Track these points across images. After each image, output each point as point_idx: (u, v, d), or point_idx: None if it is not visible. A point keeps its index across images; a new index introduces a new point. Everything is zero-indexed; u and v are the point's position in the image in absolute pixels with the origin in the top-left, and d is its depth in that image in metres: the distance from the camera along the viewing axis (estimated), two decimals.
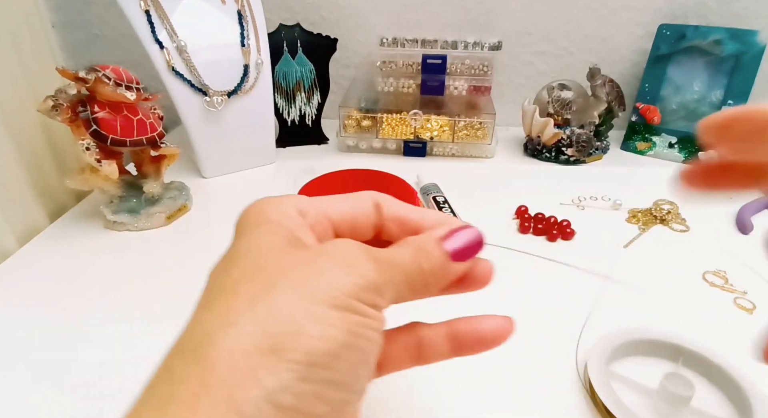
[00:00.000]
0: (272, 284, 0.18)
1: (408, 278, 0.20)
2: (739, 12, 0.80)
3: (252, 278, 0.18)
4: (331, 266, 0.18)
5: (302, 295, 0.17)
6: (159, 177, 0.60)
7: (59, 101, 0.50)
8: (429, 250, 0.21)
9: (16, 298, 0.48)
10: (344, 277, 0.18)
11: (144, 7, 0.61)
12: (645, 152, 0.81)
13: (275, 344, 0.16)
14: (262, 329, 0.16)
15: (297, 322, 0.17)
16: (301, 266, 0.18)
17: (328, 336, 0.17)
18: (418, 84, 0.80)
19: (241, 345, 0.16)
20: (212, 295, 0.19)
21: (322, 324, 0.17)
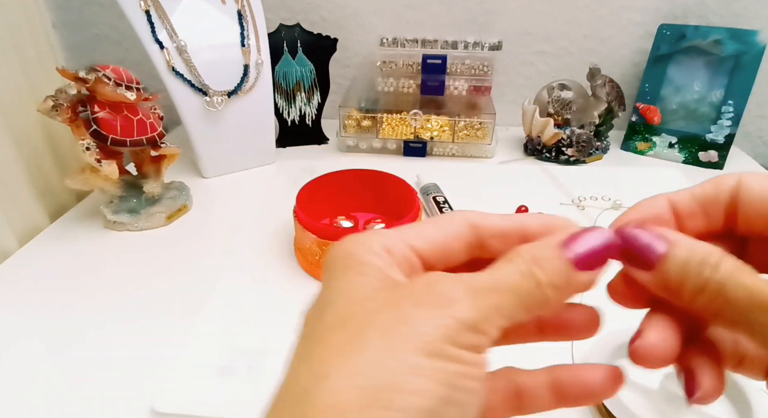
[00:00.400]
0: (361, 331, 0.16)
1: (520, 297, 0.17)
2: (739, 12, 0.80)
3: (344, 325, 0.17)
4: (418, 308, 0.17)
5: (392, 344, 0.16)
6: (159, 177, 0.60)
7: (59, 101, 0.50)
8: (546, 258, 0.18)
9: (17, 297, 0.48)
10: (433, 319, 0.16)
11: (144, 7, 0.61)
12: (645, 152, 0.81)
13: (369, 399, 0.15)
14: (356, 383, 0.15)
15: (390, 375, 0.15)
16: (388, 311, 0.17)
17: (423, 390, 0.15)
18: (418, 84, 0.80)
19: (339, 401, 0.15)
20: (307, 344, 0.18)
21: (416, 376, 0.15)
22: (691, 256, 0.17)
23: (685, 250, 0.17)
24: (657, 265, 0.17)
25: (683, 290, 0.17)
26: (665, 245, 0.17)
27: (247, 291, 0.49)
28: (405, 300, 0.17)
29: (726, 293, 0.16)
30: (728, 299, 0.16)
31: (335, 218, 0.58)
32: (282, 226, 0.58)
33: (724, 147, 0.75)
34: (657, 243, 0.18)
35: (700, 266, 0.17)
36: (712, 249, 0.17)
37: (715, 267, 0.16)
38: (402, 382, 0.15)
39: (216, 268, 0.52)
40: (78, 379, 0.40)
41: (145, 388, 0.38)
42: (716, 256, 0.17)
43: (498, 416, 0.21)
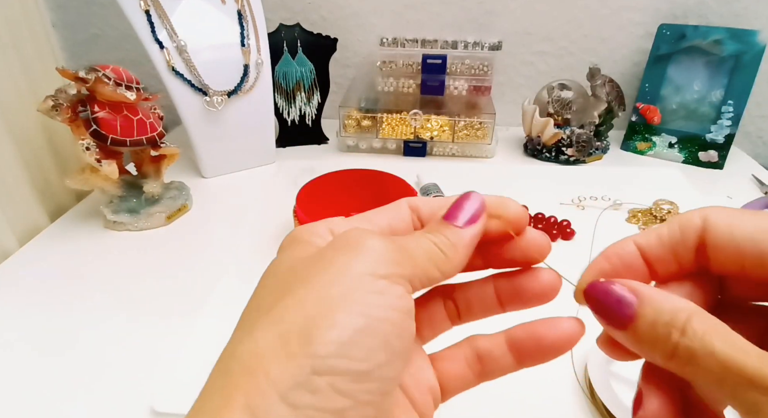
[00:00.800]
0: (288, 289, 0.18)
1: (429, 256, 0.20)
2: (739, 12, 0.80)
3: (273, 290, 0.18)
4: (338, 253, 0.18)
5: (312, 289, 0.17)
6: (159, 177, 0.60)
7: (59, 101, 0.50)
8: (436, 229, 0.21)
9: (17, 297, 0.48)
10: (354, 257, 0.18)
11: (144, 7, 0.61)
12: (645, 152, 0.81)
13: (285, 342, 0.16)
14: (275, 331, 0.16)
15: (307, 316, 0.16)
16: (313, 265, 0.18)
17: (340, 323, 0.16)
18: (418, 84, 0.80)
19: (256, 350, 0.16)
20: (242, 316, 0.19)
21: (334, 311, 0.16)
22: (657, 316, 0.17)
23: (652, 309, 0.17)
24: (629, 324, 0.17)
25: (655, 354, 0.17)
26: (634, 301, 0.17)
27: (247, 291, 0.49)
28: (325, 252, 0.18)
29: (696, 362, 0.16)
30: (699, 368, 0.16)
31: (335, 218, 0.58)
32: (282, 226, 0.58)
33: (724, 147, 0.75)
34: (626, 298, 0.18)
35: (667, 327, 0.16)
36: (682, 306, 0.17)
37: (683, 330, 0.16)
38: (319, 319, 0.16)
39: (216, 268, 0.52)
40: (78, 379, 0.40)
41: (145, 388, 0.38)
42: (684, 315, 0.16)
43: (466, 385, 0.22)
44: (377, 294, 0.17)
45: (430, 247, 0.20)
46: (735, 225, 0.18)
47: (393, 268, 0.18)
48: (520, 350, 0.22)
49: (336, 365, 0.16)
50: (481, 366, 0.22)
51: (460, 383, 0.22)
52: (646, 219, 0.61)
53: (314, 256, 0.19)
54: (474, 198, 0.22)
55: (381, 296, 0.17)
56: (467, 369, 0.22)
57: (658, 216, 0.61)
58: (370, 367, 0.16)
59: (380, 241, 0.19)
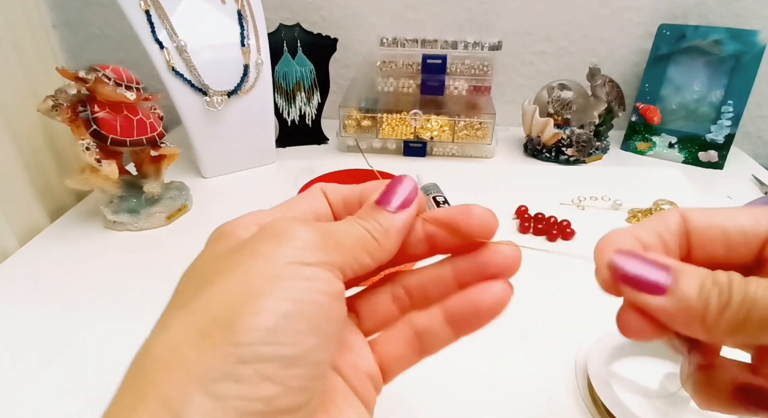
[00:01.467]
0: (208, 281, 0.17)
1: (361, 243, 0.19)
2: (740, 12, 0.80)
3: (190, 283, 0.18)
4: (263, 242, 0.18)
5: (234, 279, 0.16)
6: (159, 177, 0.60)
7: (59, 101, 0.50)
8: (369, 214, 0.20)
9: (17, 297, 0.48)
10: (280, 246, 0.17)
11: (144, 7, 0.61)
12: (645, 152, 0.81)
13: (206, 332, 0.15)
14: (192, 322, 0.16)
15: (229, 305, 0.16)
16: (236, 255, 0.18)
17: (264, 309, 0.16)
18: (418, 84, 0.80)
19: (172, 343, 0.15)
20: (161, 315, 0.18)
21: (258, 298, 0.16)
22: (701, 275, 0.17)
23: (693, 271, 0.17)
24: (667, 289, 0.17)
25: (708, 310, 0.16)
26: (670, 264, 0.17)
27: None
28: (249, 242, 0.18)
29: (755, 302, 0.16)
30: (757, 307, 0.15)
31: None
32: None
33: (723, 147, 0.75)
34: (661, 262, 0.18)
35: (718, 283, 0.16)
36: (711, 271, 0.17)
37: (730, 279, 0.16)
38: (242, 307, 0.16)
39: None
40: (78, 379, 0.40)
41: None
42: (724, 275, 0.16)
43: (407, 363, 0.23)
44: (304, 280, 0.17)
45: (360, 233, 0.20)
46: (709, 212, 0.19)
47: (321, 255, 0.18)
48: (457, 321, 0.22)
49: (263, 352, 0.15)
50: (420, 343, 0.22)
51: (402, 363, 0.23)
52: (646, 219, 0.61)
53: (238, 247, 0.18)
54: (406, 182, 0.22)
55: (308, 281, 0.17)
56: (407, 349, 0.22)
57: None
58: (301, 351, 0.16)
59: (307, 228, 0.18)
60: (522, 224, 0.58)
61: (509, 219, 0.61)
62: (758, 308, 0.15)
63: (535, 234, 0.58)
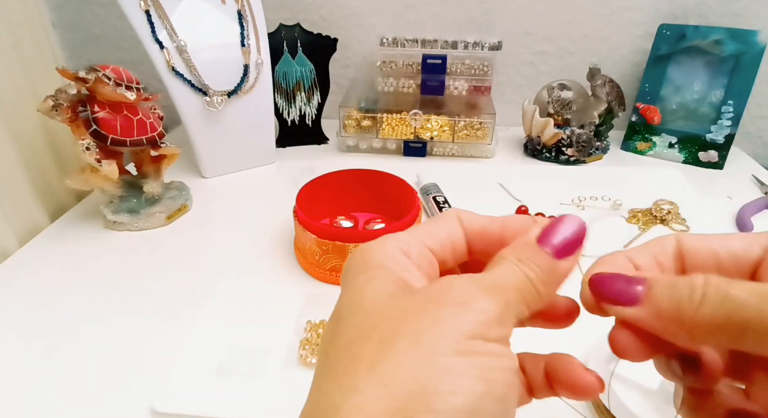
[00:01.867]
0: (388, 341, 0.16)
1: (522, 295, 0.18)
2: (740, 12, 0.80)
3: (367, 336, 0.17)
4: (445, 309, 0.17)
5: (423, 349, 0.16)
6: (159, 177, 0.60)
7: (59, 101, 0.50)
8: (530, 256, 0.18)
9: (17, 297, 0.48)
10: (463, 318, 0.16)
11: (144, 7, 0.61)
12: (645, 152, 0.81)
13: (404, 406, 0.15)
14: (388, 392, 0.15)
15: (423, 379, 0.15)
16: (414, 317, 0.17)
17: (462, 389, 0.15)
18: (418, 84, 0.80)
19: (370, 412, 0.15)
20: (329, 360, 0.17)
21: (452, 376, 0.15)
22: (673, 280, 0.17)
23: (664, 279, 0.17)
24: (642, 297, 0.17)
25: (683, 312, 0.16)
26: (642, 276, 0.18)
27: (247, 291, 0.49)
28: (427, 304, 0.17)
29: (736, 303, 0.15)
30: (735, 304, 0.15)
31: (335, 217, 0.58)
32: (282, 226, 0.58)
33: (724, 147, 0.75)
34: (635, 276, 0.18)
35: (690, 284, 0.16)
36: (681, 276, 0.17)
37: (707, 281, 0.16)
38: (437, 384, 0.15)
39: (216, 268, 0.52)
40: (77, 379, 0.40)
41: (145, 388, 0.38)
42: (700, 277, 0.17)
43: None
44: (491, 356, 0.16)
45: (523, 282, 0.18)
46: (704, 237, 0.19)
47: (503, 331, 0.17)
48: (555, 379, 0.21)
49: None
50: (528, 388, 0.22)
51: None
52: (646, 219, 0.61)
53: (412, 303, 0.17)
54: (572, 222, 0.19)
55: (495, 359, 0.16)
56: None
57: (658, 216, 0.61)
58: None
59: (489, 298, 0.17)
60: None
61: None
62: (739, 308, 0.15)
63: None
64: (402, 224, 0.49)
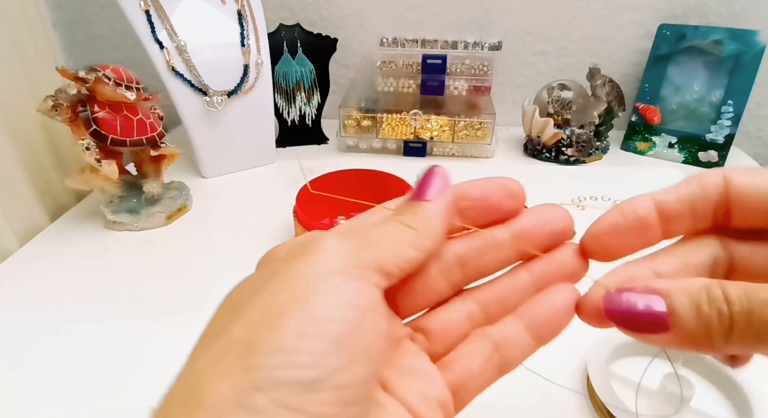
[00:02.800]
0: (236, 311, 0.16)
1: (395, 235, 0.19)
2: (739, 12, 0.80)
3: (221, 319, 0.17)
4: (292, 260, 0.17)
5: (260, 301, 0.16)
6: (159, 177, 0.60)
7: (59, 101, 0.50)
8: (401, 210, 0.20)
9: (16, 297, 0.48)
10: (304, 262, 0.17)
11: (144, 7, 0.61)
12: (645, 152, 0.81)
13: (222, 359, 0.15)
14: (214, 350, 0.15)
15: (250, 327, 0.15)
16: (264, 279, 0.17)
17: (280, 329, 0.15)
18: (418, 84, 0.80)
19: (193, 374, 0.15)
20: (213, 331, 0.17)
21: (276, 318, 0.15)
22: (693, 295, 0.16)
23: (685, 295, 0.16)
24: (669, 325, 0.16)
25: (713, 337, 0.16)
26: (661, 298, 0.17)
27: None
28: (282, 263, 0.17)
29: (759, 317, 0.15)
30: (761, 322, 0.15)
31: (335, 218, 0.58)
32: (282, 226, 0.58)
33: (723, 147, 0.75)
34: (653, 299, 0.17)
35: (712, 305, 0.16)
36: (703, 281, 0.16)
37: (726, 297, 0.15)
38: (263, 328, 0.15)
39: (216, 268, 0.52)
40: (76, 379, 0.40)
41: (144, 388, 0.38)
42: (715, 285, 0.16)
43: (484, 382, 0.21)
44: (329, 294, 0.16)
45: (395, 226, 0.19)
46: (756, 178, 0.18)
47: (350, 260, 0.17)
48: (538, 326, 0.21)
49: (280, 377, 0.14)
50: (499, 356, 0.20)
51: (480, 381, 0.20)
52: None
53: (271, 269, 0.18)
54: (437, 173, 0.22)
55: (333, 295, 0.16)
56: (486, 364, 0.20)
57: None
58: (320, 374, 0.14)
59: (335, 237, 0.17)
60: None
61: None
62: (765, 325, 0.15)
63: None
64: None
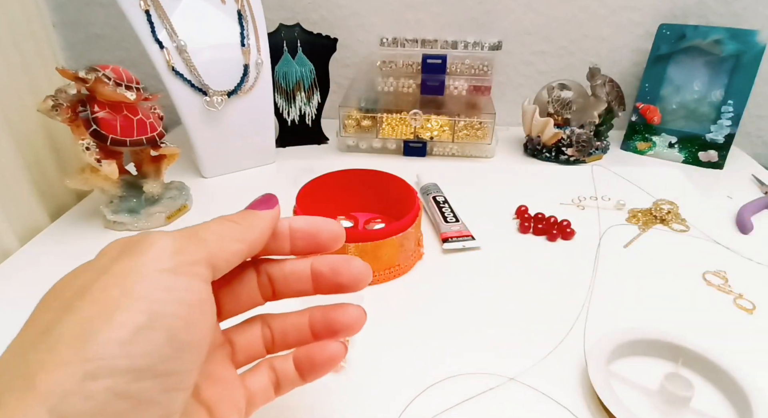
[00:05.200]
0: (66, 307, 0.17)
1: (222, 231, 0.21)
2: (739, 12, 0.80)
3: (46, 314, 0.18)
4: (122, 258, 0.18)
5: (90, 297, 0.16)
6: (159, 177, 0.60)
7: (59, 101, 0.50)
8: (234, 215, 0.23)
9: (16, 297, 0.48)
10: (135, 259, 0.17)
11: (144, 7, 0.61)
12: (645, 152, 0.81)
13: (56, 350, 0.15)
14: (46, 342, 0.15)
15: (83, 321, 0.15)
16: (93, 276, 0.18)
17: (116, 323, 0.15)
18: (418, 84, 0.80)
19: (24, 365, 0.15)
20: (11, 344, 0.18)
21: (111, 312, 0.16)
22: None
23: None
24: None
25: None
26: None
27: None
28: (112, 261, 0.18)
29: None
30: None
31: (335, 217, 0.58)
32: None
33: (723, 147, 0.75)
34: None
35: None
36: None
37: None
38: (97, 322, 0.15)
39: None
40: None
41: None
42: None
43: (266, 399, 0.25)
44: (162, 290, 0.17)
45: (221, 223, 0.21)
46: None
47: (179, 258, 0.18)
48: (302, 369, 0.25)
49: (115, 365, 0.15)
50: (278, 382, 0.25)
51: (264, 399, 0.25)
52: (646, 219, 0.61)
53: (100, 267, 0.18)
54: (269, 196, 0.26)
55: (166, 291, 0.17)
56: (269, 386, 0.25)
57: (657, 216, 0.61)
58: (152, 362, 0.16)
59: (164, 236, 0.18)
60: (522, 224, 0.58)
61: (509, 219, 0.61)
62: None
63: (535, 234, 0.58)
64: (402, 223, 0.49)
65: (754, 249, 0.56)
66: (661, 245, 0.57)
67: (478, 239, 0.55)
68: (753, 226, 0.59)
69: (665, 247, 0.56)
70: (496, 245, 0.55)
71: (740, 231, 0.59)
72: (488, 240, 0.55)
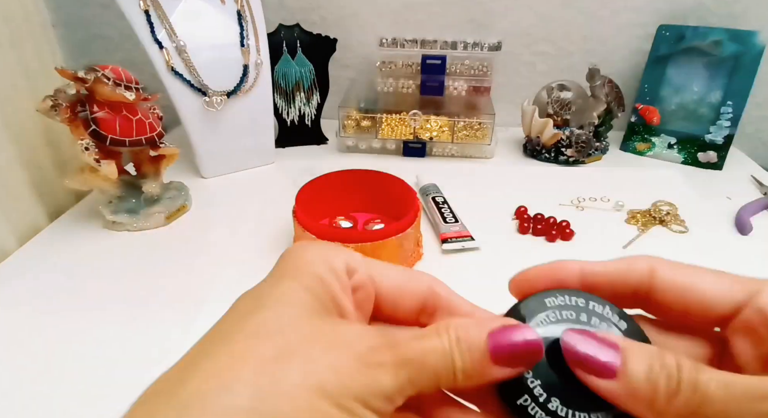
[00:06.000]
0: (283, 354, 0.16)
1: (437, 375, 0.17)
2: (738, 13, 0.80)
3: (268, 337, 0.16)
4: (348, 358, 0.16)
5: (308, 381, 0.15)
6: (158, 177, 0.60)
7: (58, 101, 0.50)
8: (467, 341, 0.17)
9: (16, 297, 0.48)
10: (357, 376, 0.16)
11: (143, 7, 0.61)
12: (644, 153, 0.81)
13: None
14: (255, 405, 0.15)
15: (290, 410, 0.15)
16: (319, 346, 0.16)
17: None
18: (417, 84, 0.80)
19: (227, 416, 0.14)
20: (222, 336, 0.17)
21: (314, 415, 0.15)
22: (649, 355, 0.16)
23: (641, 350, 0.17)
24: (618, 371, 0.16)
25: (656, 396, 0.16)
26: (616, 346, 0.17)
27: None
28: (340, 344, 0.16)
29: (707, 396, 0.15)
30: (708, 402, 0.15)
31: (335, 218, 0.58)
32: (282, 226, 0.58)
33: (723, 148, 0.75)
34: (606, 342, 0.17)
35: (666, 367, 0.16)
36: (656, 348, 0.17)
37: (678, 365, 0.16)
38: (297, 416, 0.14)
39: (215, 268, 0.52)
40: (76, 379, 0.40)
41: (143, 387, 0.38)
42: (669, 355, 0.16)
43: None
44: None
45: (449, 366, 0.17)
46: (678, 274, 0.19)
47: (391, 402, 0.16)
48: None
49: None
50: None
51: None
52: (645, 220, 0.61)
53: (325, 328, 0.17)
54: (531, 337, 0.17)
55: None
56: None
57: (656, 217, 0.61)
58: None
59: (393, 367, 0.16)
60: (521, 225, 0.58)
61: (509, 220, 0.61)
62: (710, 402, 0.15)
63: (535, 235, 0.58)
64: (401, 224, 0.49)
65: (754, 250, 0.56)
66: (661, 246, 0.57)
67: (477, 240, 0.55)
68: (752, 227, 0.59)
69: (664, 248, 0.56)
70: (496, 245, 0.55)
71: (739, 232, 0.59)
72: (487, 241, 0.55)
